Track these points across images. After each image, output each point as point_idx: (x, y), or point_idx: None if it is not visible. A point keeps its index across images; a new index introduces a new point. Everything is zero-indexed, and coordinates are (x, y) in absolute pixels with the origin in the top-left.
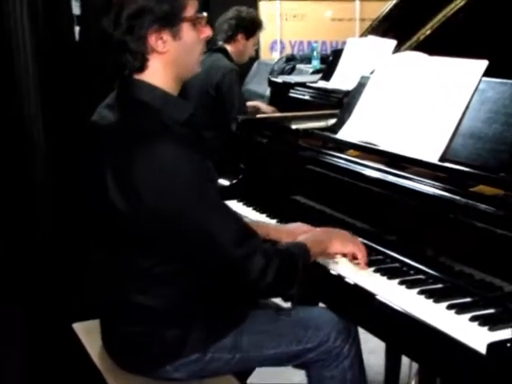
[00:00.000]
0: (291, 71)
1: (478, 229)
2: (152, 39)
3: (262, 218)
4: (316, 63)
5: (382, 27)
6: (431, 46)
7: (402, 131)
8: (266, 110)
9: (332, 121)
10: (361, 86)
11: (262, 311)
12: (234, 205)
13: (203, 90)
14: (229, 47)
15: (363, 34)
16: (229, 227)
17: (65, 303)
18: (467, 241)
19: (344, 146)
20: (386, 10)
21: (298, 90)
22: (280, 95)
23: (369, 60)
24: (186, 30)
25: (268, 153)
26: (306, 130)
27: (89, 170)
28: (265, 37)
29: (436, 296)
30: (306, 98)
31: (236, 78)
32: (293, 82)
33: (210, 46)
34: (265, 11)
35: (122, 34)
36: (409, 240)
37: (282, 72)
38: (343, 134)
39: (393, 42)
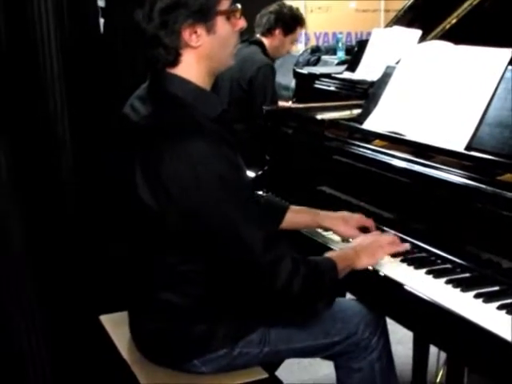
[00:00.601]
0: (316, 62)
1: (505, 217)
2: (186, 34)
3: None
4: (341, 54)
5: (407, 17)
6: (457, 35)
7: (428, 121)
8: None
9: (358, 111)
10: (386, 76)
11: None
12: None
13: (236, 83)
14: (266, 41)
15: (388, 25)
16: (258, 230)
17: (92, 295)
18: (494, 229)
19: (370, 137)
20: (411, 0)
21: (323, 81)
22: (305, 87)
23: (394, 50)
24: (221, 23)
25: (293, 143)
26: (331, 121)
27: (118, 166)
28: None
29: (463, 285)
30: (332, 89)
31: (270, 73)
32: (318, 73)
33: (247, 37)
34: (290, 3)
35: (156, 29)
36: (436, 229)
37: (307, 63)
38: (369, 125)
39: (418, 32)
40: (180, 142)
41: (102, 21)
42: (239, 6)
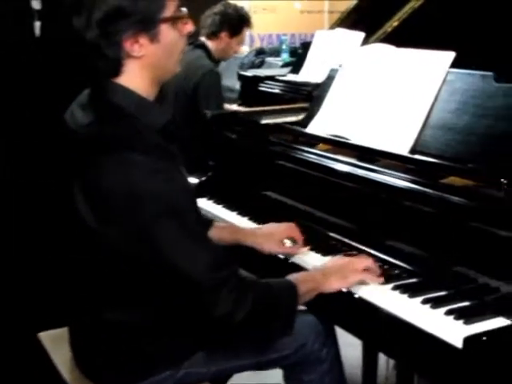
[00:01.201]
0: (261, 65)
1: (450, 221)
2: (127, 44)
3: (232, 215)
4: (285, 56)
5: (351, 19)
6: (399, 38)
7: (372, 124)
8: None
9: (302, 115)
10: (329, 78)
11: None
12: (204, 203)
13: (181, 89)
14: (210, 44)
15: (332, 27)
16: (201, 251)
17: (30, 311)
18: (439, 233)
19: (314, 140)
20: (355, 2)
21: (267, 84)
22: (250, 89)
23: (337, 52)
24: (166, 31)
25: (237, 148)
26: (275, 125)
27: (56, 180)
28: None
29: (411, 291)
30: (276, 91)
31: (215, 79)
32: (262, 75)
33: (192, 41)
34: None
35: (95, 38)
36: (380, 234)
37: (252, 66)
38: (313, 128)
39: (361, 35)
40: (120, 155)
41: (38, 24)
42: (185, 10)
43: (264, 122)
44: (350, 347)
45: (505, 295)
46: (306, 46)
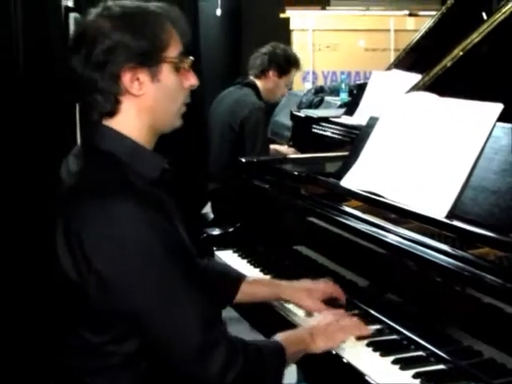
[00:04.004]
0: (319, 104)
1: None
2: (126, 79)
3: (255, 272)
4: (344, 96)
5: (409, 60)
6: (444, 85)
7: (409, 181)
8: (287, 153)
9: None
10: (368, 127)
11: None
12: (229, 256)
13: (227, 125)
14: (259, 83)
15: (390, 67)
16: (189, 309)
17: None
18: (473, 313)
19: (347, 195)
20: (414, 41)
21: (320, 126)
22: (302, 130)
23: (391, 96)
24: (167, 72)
25: (268, 199)
26: (308, 176)
27: (40, 231)
28: None
29: (434, 380)
30: (328, 134)
31: (262, 117)
32: (315, 116)
33: (240, 80)
34: (297, 41)
35: (92, 71)
36: (410, 309)
37: (311, 104)
38: (347, 182)
39: (417, 77)
40: (105, 206)
41: None
42: (191, 58)
43: (297, 172)
44: None
45: (485, 361)
46: (360, 86)
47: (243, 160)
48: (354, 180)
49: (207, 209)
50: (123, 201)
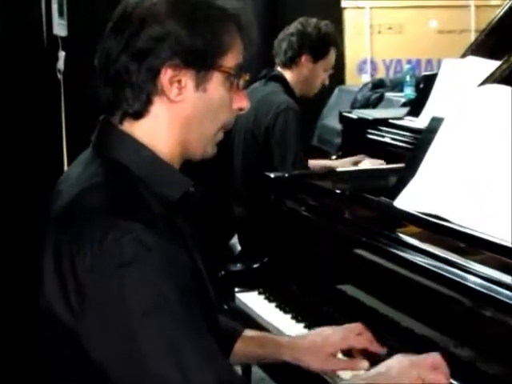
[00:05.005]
0: (378, 102)
1: None
2: (166, 77)
3: (285, 319)
4: (409, 91)
5: (491, 43)
6: None
7: (481, 201)
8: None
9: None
10: (430, 132)
11: None
12: (254, 298)
13: (249, 134)
14: (289, 74)
15: (465, 54)
16: (204, 368)
17: None
18: None
19: (402, 219)
20: (496, 19)
21: (377, 130)
22: (353, 136)
23: (468, 89)
24: (216, 83)
25: (302, 225)
26: (354, 194)
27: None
28: (351, 55)
29: None
30: (387, 140)
31: (293, 119)
32: (370, 118)
33: (265, 73)
34: (351, 22)
35: (130, 59)
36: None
37: (367, 103)
38: (402, 202)
39: (496, 64)
40: (106, 229)
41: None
42: (247, 76)
43: (339, 189)
44: None
45: None
46: (429, 78)
47: (271, 176)
48: (411, 200)
49: (234, 239)
50: (129, 225)
